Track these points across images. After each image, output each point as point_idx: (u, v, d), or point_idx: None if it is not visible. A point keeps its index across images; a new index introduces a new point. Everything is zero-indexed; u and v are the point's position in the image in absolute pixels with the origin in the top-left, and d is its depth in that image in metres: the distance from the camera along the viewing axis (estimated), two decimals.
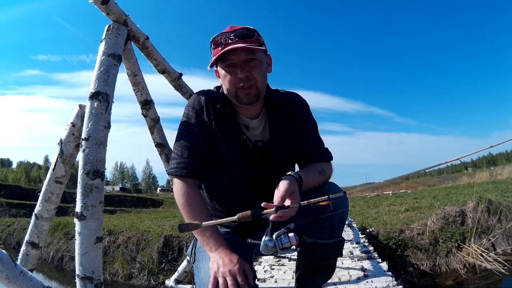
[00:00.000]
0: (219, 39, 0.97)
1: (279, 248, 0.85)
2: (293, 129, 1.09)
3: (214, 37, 0.99)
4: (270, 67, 1.08)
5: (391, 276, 2.10)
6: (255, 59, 0.98)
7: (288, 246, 0.85)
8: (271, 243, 0.85)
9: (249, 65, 0.97)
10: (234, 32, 0.96)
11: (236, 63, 0.97)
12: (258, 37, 0.99)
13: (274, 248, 0.85)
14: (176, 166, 1.00)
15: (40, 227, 1.31)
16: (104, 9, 1.18)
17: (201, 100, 1.04)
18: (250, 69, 0.97)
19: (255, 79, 0.98)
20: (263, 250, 0.86)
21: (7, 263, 0.81)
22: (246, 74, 0.96)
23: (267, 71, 1.05)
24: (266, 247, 0.86)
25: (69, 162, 1.29)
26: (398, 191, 15.02)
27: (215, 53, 0.98)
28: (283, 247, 0.85)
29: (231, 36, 0.96)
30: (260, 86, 1.00)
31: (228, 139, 1.03)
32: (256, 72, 0.98)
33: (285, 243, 0.85)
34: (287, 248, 0.85)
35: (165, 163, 1.68)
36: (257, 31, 1.00)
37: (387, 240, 4.50)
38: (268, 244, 0.85)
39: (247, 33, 0.97)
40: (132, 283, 4.88)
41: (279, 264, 2.59)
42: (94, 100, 1.09)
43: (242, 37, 0.96)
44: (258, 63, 0.99)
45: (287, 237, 0.85)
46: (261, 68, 1.00)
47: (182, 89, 1.80)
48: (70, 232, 6.25)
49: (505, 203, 5.04)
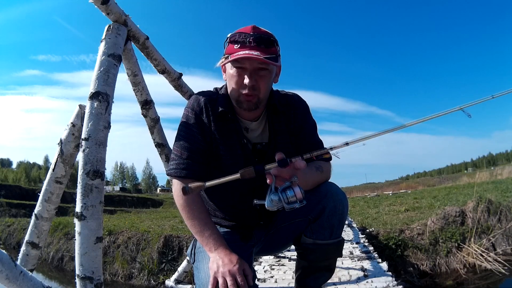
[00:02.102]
0: (237, 37, 0.95)
1: (284, 202, 0.83)
2: (292, 130, 1.09)
3: (233, 33, 0.97)
4: (277, 77, 1.08)
5: (391, 276, 2.10)
6: (267, 69, 0.97)
7: (293, 200, 0.83)
8: (276, 197, 0.84)
9: (258, 74, 0.96)
10: (254, 36, 0.94)
11: (246, 68, 0.96)
12: (276, 47, 0.98)
13: (280, 202, 0.83)
14: (176, 167, 1.00)
15: (40, 227, 1.31)
16: (104, 9, 1.18)
17: (200, 101, 1.04)
18: (258, 78, 0.96)
19: (260, 89, 0.97)
20: (268, 206, 0.85)
21: (7, 263, 0.81)
22: (253, 83, 0.95)
23: (273, 81, 1.05)
24: (271, 202, 0.84)
25: (69, 162, 1.29)
26: (398, 191, 15.02)
27: (229, 49, 0.96)
28: (288, 201, 0.83)
29: (250, 39, 0.94)
30: (262, 97, 1.00)
31: (227, 141, 1.03)
32: (263, 83, 0.97)
33: (290, 197, 0.83)
34: (293, 202, 0.83)
35: (165, 163, 1.68)
36: (277, 41, 0.99)
37: (387, 240, 4.50)
38: (273, 199, 0.84)
39: (267, 40, 0.96)
40: (132, 283, 4.88)
41: (279, 264, 2.59)
42: (94, 100, 1.09)
43: (260, 42, 0.94)
44: (268, 74, 0.98)
45: (292, 191, 0.83)
46: (269, 79, 1.00)
47: (182, 89, 1.80)
48: (70, 232, 6.25)
49: (505, 203, 5.04)
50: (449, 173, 79.16)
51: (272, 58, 0.94)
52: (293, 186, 0.84)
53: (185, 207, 0.97)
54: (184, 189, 0.82)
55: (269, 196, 0.84)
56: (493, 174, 13.74)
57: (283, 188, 0.84)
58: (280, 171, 0.83)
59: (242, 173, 0.81)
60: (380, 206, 7.77)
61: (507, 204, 5.03)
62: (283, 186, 0.84)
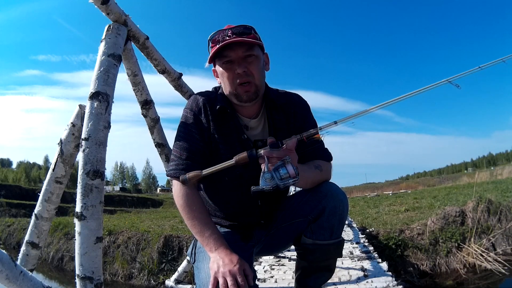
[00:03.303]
0: (217, 37, 0.98)
1: (277, 179, 0.85)
2: (293, 129, 1.09)
3: (212, 35, 1.00)
4: (268, 65, 1.09)
5: (391, 276, 2.10)
6: (253, 55, 0.99)
7: (286, 177, 0.85)
8: (269, 175, 0.85)
9: (246, 61, 0.98)
10: (231, 30, 0.97)
11: (233, 60, 0.97)
12: (255, 34, 1.00)
13: (273, 179, 0.85)
14: (175, 167, 1.00)
15: (40, 227, 1.31)
16: (104, 9, 1.18)
17: (199, 101, 1.05)
18: (247, 65, 0.98)
19: (253, 75, 0.99)
20: (262, 184, 0.86)
21: (7, 263, 0.81)
22: (244, 69, 0.97)
23: (264, 69, 1.06)
24: (265, 181, 0.85)
25: (69, 162, 1.29)
26: (398, 191, 15.03)
27: (212, 50, 0.98)
28: (281, 177, 0.85)
29: (229, 33, 0.97)
30: (258, 83, 1.01)
31: (227, 140, 1.03)
32: (254, 68, 0.99)
33: (283, 174, 0.85)
34: (286, 179, 0.85)
35: (165, 163, 1.68)
36: (254, 29, 1.01)
37: (387, 240, 4.50)
38: (266, 177, 0.85)
39: (244, 30, 0.98)
40: (132, 283, 4.88)
41: (279, 264, 2.59)
42: (94, 100, 1.09)
43: (239, 34, 0.97)
44: (256, 59, 0.99)
45: (284, 168, 0.85)
46: (258, 64, 1.00)
47: (182, 89, 1.80)
48: (70, 232, 6.25)
49: (505, 203, 5.04)
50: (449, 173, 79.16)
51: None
52: (285, 164, 0.86)
53: (185, 207, 0.97)
54: (184, 180, 0.87)
55: (262, 177, 0.86)
56: (493, 174, 13.77)
57: (276, 167, 0.86)
58: (272, 153, 0.86)
59: (237, 159, 0.86)
60: (380, 206, 7.77)
61: (507, 204, 5.03)
62: (276, 165, 0.86)
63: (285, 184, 0.85)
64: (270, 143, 0.87)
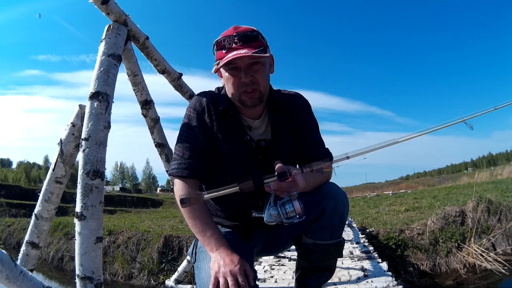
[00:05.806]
0: (223, 41, 0.97)
1: (283, 216, 0.82)
2: (294, 128, 1.10)
3: (218, 39, 0.99)
4: (272, 68, 1.09)
5: (391, 276, 2.10)
6: (259, 62, 0.98)
7: (293, 215, 0.82)
8: (275, 211, 0.83)
9: (252, 69, 0.97)
10: (238, 36, 0.96)
11: (240, 67, 0.97)
12: (262, 39, 0.99)
13: (279, 216, 0.83)
14: (177, 166, 1.00)
15: (40, 227, 1.31)
16: (104, 9, 1.18)
17: (202, 101, 1.05)
18: (253, 73, 0.97)
19: (259, 83, 0.98)
20: (267, 220, 0.84)
21: (7, 263, 0.82)
22: (250, 79, 0.96)
23: (269, 72, 1.06)
24: (270, 216, 0.83)
25: (69, 162, 1.29)
26: (398, 191, 15.04)
27: (218, 55, 0.98)
28: (288, 216, 0.82)
29: (235, 40, 0.95)
30: (263, 90, 1.00)
31: (230, 140, 1.03)
32: (260, 76, 0.98)
33: (289, 211, 0.82)
34: (292, 218, 0.82)
35: (165, 163, 1.68)
36: (261, 33, 1.00)
37: (387, 240, 4.50)
38: (272, 213, 0.83)
39: (251, 36, 0.97)
40: (132, 283, 4.88)
41: (279, 264, 2.59)
42: (94, 100, 1.09)
43: (246, 40, 0.96)
44: (262, 67, 0.99)
45: (291, 205, 0.82)
46: (264, 71, 1.00)
47: (182, 89, 1.80)
48: (70, 232, 6.25)
49: (505, 203, 5.04)
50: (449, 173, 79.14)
51: (260, 51, 0.95)
52: (292, 200, 0.83)
53: (186, 207, 0.96)
54: (183, 200, 0.82)
55: (268, 211, 0.84)
56: (493, 174, 13.76)
57: (282, 202, 0.83)
58: (280, 185, 0.83)
59: (241, 186, 0.79)
60: (380, 206, 7.77)
61: (507, 204, 5.03)
62: (282, 200, 0.83)
63: (290, 222, 0.83)
64: (278, 173, 0.81)
